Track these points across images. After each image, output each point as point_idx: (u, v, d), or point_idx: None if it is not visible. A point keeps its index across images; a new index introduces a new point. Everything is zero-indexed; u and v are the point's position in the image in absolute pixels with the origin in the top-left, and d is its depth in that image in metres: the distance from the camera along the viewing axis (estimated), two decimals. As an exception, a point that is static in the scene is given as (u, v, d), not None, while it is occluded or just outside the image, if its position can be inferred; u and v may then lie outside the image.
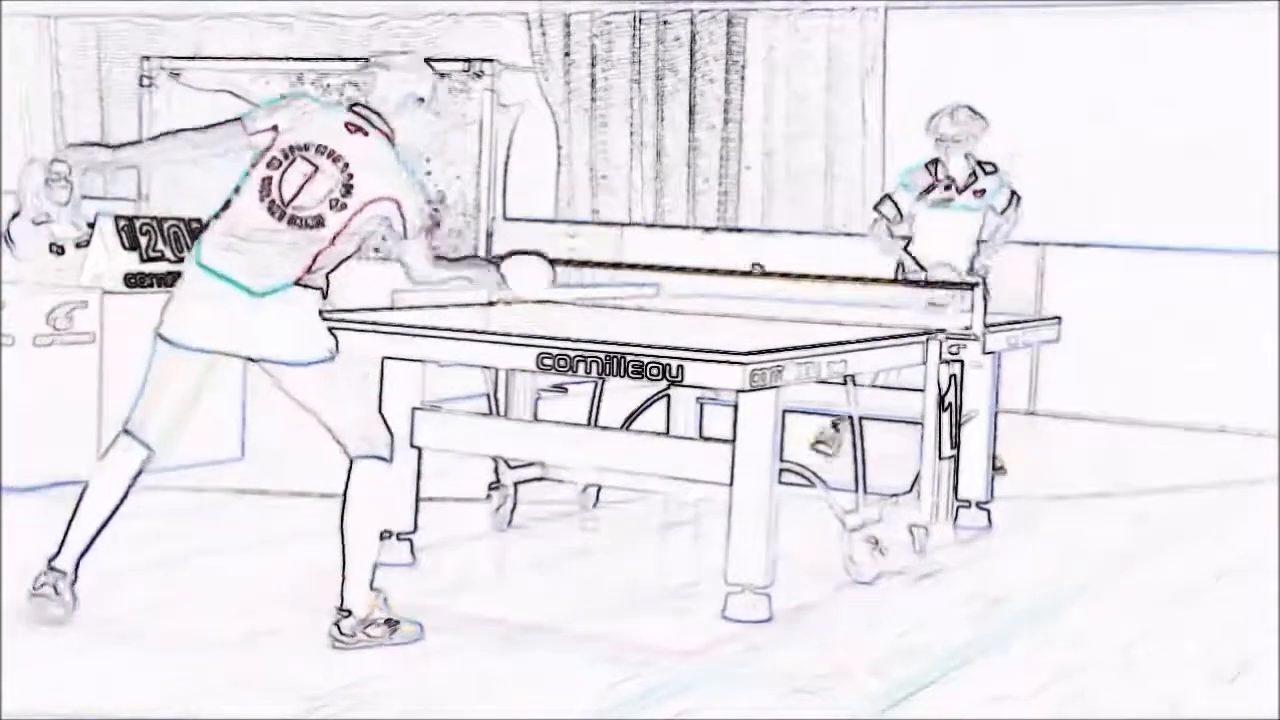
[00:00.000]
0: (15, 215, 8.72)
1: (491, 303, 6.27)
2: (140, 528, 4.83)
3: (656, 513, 6.66)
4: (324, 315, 4.68)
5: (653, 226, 11.75)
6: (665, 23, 11.63)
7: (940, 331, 5.78)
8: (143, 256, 7.12)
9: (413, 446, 5.60)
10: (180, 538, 5.75)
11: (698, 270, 6.53)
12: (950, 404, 5.84)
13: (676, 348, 4.85)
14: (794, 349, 4.99)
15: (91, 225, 7.40)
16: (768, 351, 4.88)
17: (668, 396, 6.78)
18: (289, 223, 4.54)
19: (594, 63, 11.90)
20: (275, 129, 4.62)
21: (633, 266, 8.07)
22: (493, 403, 6.27)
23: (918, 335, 5.76)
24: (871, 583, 5.63)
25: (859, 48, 11.06)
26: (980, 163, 7.78)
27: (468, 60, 11.07)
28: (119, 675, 4.39)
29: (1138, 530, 6.94)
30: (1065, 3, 10.14)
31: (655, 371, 4.83)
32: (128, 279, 7.02)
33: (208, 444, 6.65)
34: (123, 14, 13.23)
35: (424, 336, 5.26)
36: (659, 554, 6.39)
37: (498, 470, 6.32)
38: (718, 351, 4.84)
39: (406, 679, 4.44)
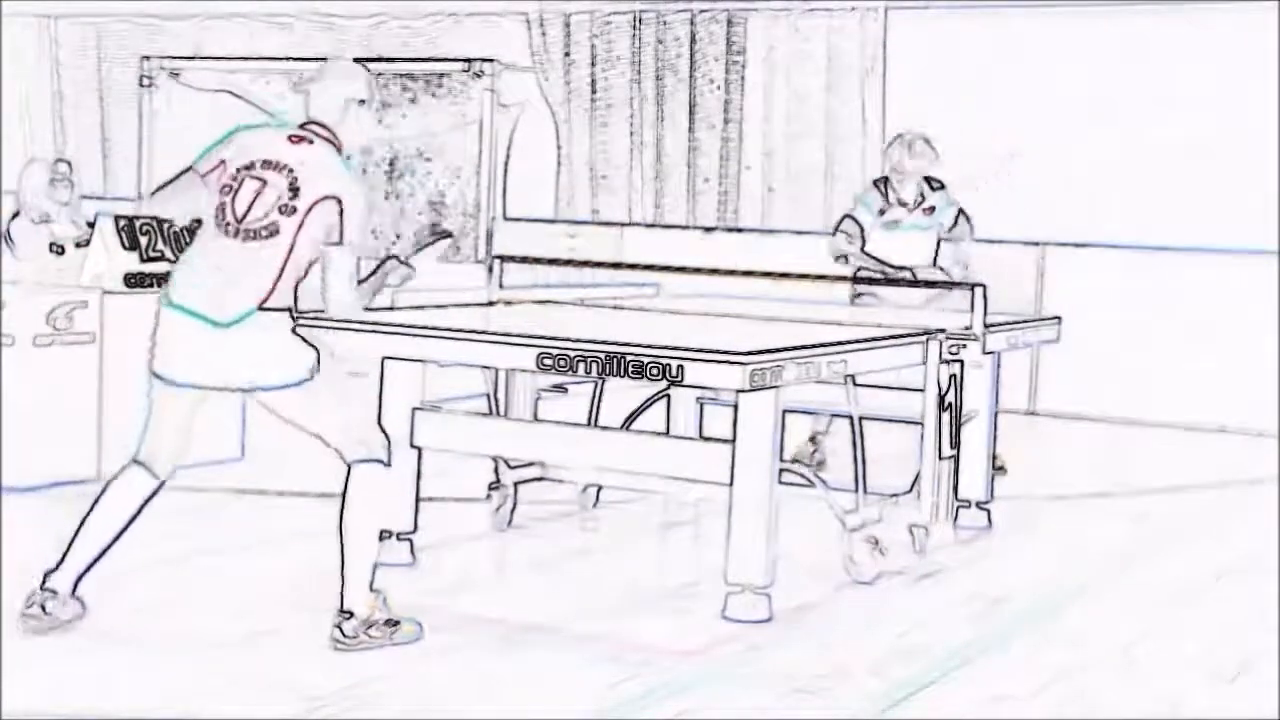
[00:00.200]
0: (15, 215, 8.74)
1: (491, 303, 6.28)
2: (140, 528, 4.82)
3: (656, 513, 6.65)
4: (322, 316, 4.68)
5: (653, 226, 11.75)
6: (665, 23, 11.62)
7: (940, 331, 5.78)
8: (143, 256, 7.12)
9: (413, 446, 5.60)
10: (180, 538, 5.75)
11: (698, 270, 6.53)
12: (950, 404, 5.84)
13: (676, 348, 4.85)
14: (794, 349, 4.99)
15: (91, 225, 7.40)
16: (768, 351, 4.87)
17: (668, 396, 6.78)
18: (245, 238, 4.56)
19: (594, 63, 11.90)
20: (223, 162, 4.65)
21: (633, 266, 8.07)
22: (493, 403, 6.27)
23: (918, 335, 5.76)
24: (871, 583, 5.63)
25: (859, 48, 11.06)
26: (928, 179, 7.74)
27: (468, 60, 11.07)
28: (119, 675, 4.39)
29: (1138, 530, 6.94)
30: (1065, 3, 10.14)
31: (655, 371, 4.83)
32: (128, 279, 7.02)
33: (208, 444, 6.62)
34: (123, 14, 13.23)
35: (424, 336, 5.25)
36: (659, 554, 6.38)
37: (498, 470, 6.31)
38: (718, 351, 4.83)
39: (406, 679, 4.44)
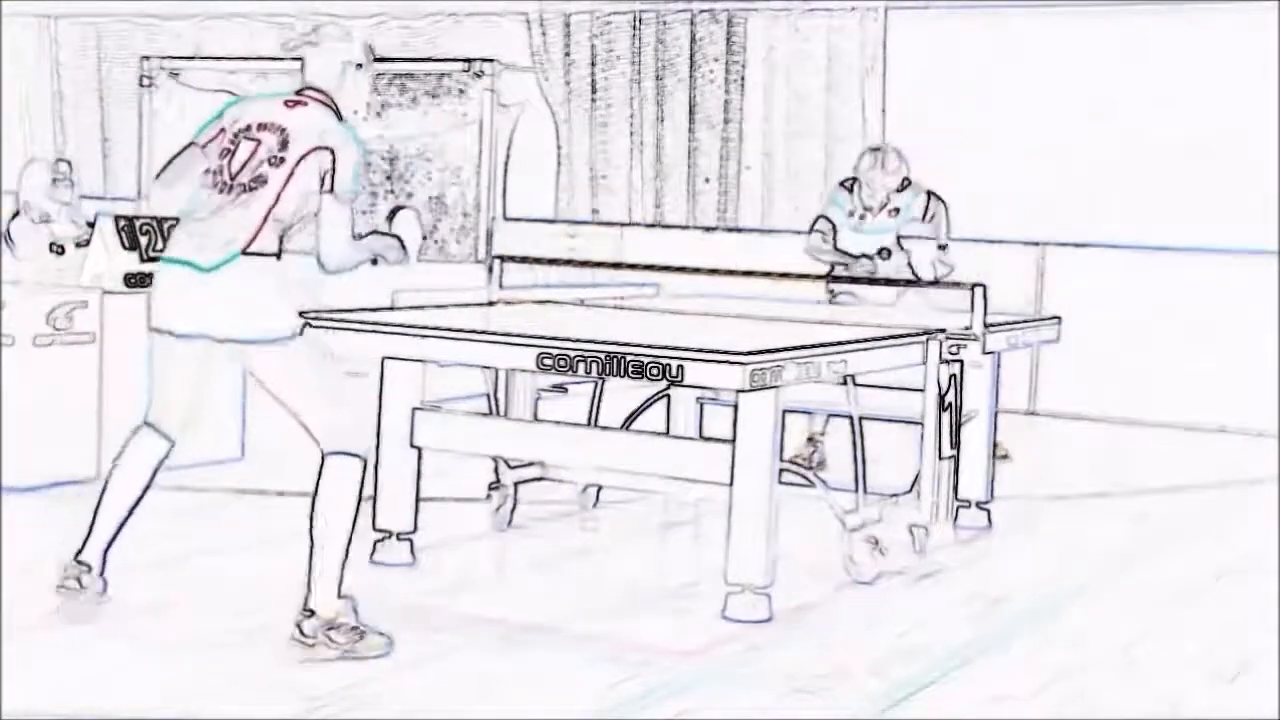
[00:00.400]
0: (15, 215, 8.73)
1: (491, 303, 6.28)
2: (140, 528, 4.83)
3: (656, 513, 6.65)
4: (321, 316, 4.68)
5: (653, 226, 11.74)
6: (665, 23, 11.62)
7: (940, 331, 5.78)
8: (143, 256, 7.11)
9: (413, 446, 5.60)
10: (180, 538, 5.75)
11: (698, 270, 6.53)
12: (950, 404, 5.83)
13: (676, 348, 4.85)
14: (794, 349, 4.99)
15: (91, 225, 7.40)
16: (768, 351, 4.87)
17: (668, 396, 6.77)
18: (237, 193, 4.57)
19: (594, 63, 11.90)
20: (222, 130, 4.69)
21: (633, 266, 8.06)
22: (493, 403, 6.27)
23: (918, 335, 5.75)
24: (871, 583, 5.63)
25: (859, 48, 11.06)
26: None
27: (468, 60, 11.07)
28: (119, 675, 4.39)
29: (1138, 530, 6.94)
30: (1065, 3, 10.14)
31: (655, 371, 4.83)
32: (128, 279, 7.02)
33: (208, 444, 6.64)
34: (123, 14, 13.23)
35: (424, 336, 5.25)
36: (659, 554, 6.38)
37: (498, 470, 6.31)
38: (718, 351, 4.83)
39: (406, 679, 4.44)
